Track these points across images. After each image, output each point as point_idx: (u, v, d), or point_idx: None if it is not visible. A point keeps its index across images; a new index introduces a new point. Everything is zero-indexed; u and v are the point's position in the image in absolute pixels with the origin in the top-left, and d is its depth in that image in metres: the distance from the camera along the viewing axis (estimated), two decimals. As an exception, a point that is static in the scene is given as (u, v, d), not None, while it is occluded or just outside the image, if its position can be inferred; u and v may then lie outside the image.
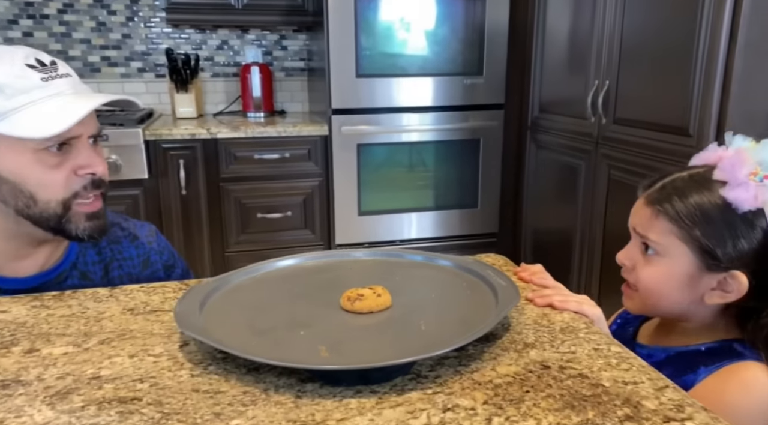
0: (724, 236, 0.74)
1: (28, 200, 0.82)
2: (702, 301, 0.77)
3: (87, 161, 0.84)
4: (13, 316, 0.73)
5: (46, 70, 0.82)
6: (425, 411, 0.53)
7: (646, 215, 0.79)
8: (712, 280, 0.76)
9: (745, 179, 0.73)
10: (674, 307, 0.80)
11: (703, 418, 0.52)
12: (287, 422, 0.52)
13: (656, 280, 0.79)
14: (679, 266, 0.77)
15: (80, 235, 0.86)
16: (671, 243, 0.77)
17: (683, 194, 0.76)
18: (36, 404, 0.54)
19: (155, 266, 1.02)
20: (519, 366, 0.61)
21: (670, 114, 1.83)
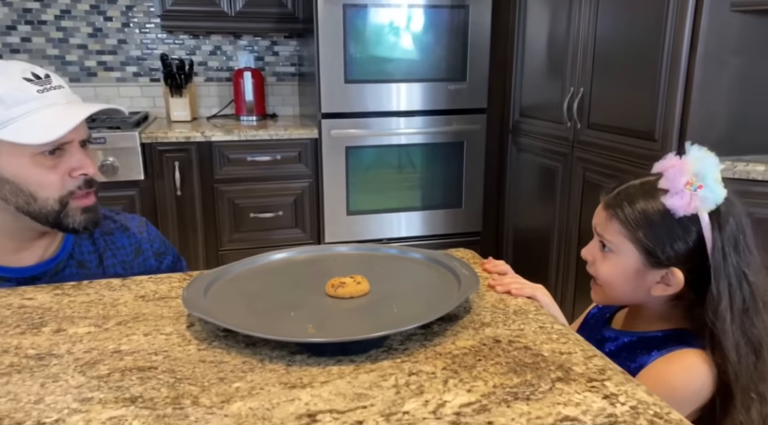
0: (663, 238, 0.85)
1: (28, 197, 0.92)
2: (649, 293, 0.88)
3: (79, 163, 0.94)
4: (39, 302, 0.83)
5: (41, 83, 0.91)
6: (394, 375, 0.64)
7: (603, 217, 0.91)
8: (656, 275, 0.87)
9: (682, 188, 0.83)
10: (627, 297, 0.92)
11: (620, 378, 0.63)
12: (280, 384, 0.63)
13: (610, 274, 0.90)
14: (628, 263, 0.88)
15: (76, 227, 0.96)
16: (621, 243, 0.88)
17: (632, 201, 0.87)
18: (69, 371, 0.65)
19: (146, 254, 1.12)
20: (475, 340, 0.72)
21: (638, 120, 1.95)
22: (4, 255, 0.96)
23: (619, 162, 2.04)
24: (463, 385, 0.62)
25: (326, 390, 0.61)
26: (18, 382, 0.63)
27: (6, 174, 0.90)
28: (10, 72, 0.90)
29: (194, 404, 0.59)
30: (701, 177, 0.83)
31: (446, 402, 0.59)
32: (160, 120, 2.91)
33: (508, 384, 0.62)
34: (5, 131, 0.87)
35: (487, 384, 0.62)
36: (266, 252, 0.93)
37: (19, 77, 0.90)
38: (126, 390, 0.61)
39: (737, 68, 1.78)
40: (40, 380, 0.63)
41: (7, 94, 0.88)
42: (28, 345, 0.71)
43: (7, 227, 0.95)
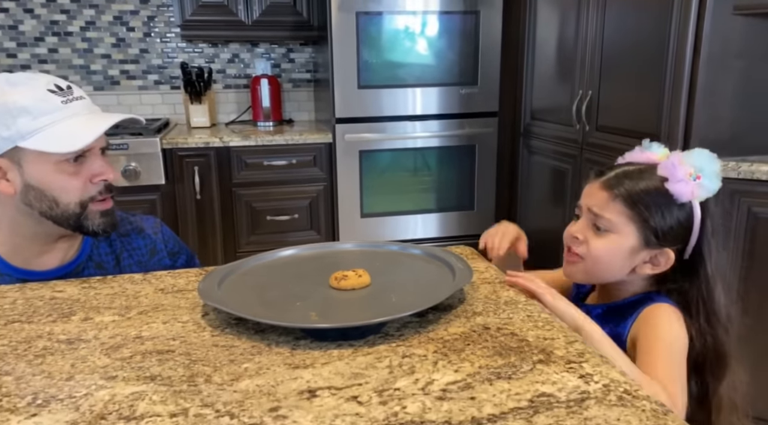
0: (664, 219, 0.91)
1: (51, 203, 0.97)
2: (634, 271, 0.95)
3: (100, 169, 1.00)
4: (69, 294, 0.91)
5: (64, 94, 0.97)
6: (388, 357, 0.70)
7: (603, 197, 0.94)
8: (647, 254, 0.93)
9: (684, 177, 0.90)
10: (613, 274, 0.97)
11: (597, 360, 0.69)
12: (285, 365, 0.69)
13: (605, 251, 0.94)
14: (625, 241, 0.93)
15: (95, 229, 1.02)
16: (622, 222, 0.93)
17: (635, 182, 0.93)
18: (96, 354, 0.72)
19: (161, 254, 1.18)
20: (466, 327, 0.78)
21: (644, 122, 1.99)
22: (29, 259, 1.03)
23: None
24: (451, 366, 0.68)
25: (326, 370, 0.68)
26: (51, 362, 0.70)
27: (31, 181, 0.96)
28: (35, 84, 0.96)
29: (207, 382, 0.66)
30: (700, 169, 0.90)
31: (434, 380, 0.65)
32: (180, 126, 3.00)
33: (492, 365, 0.68)
34: (32, 140, 0.93)
35: (474, 365, 0.68)
36: (275, 249, 1.00)
37: (44, 89, 0.95)
38: (146, 370, 0.68)
39: (740, 71, 1.81)
40: (71, 361, 0.70)
41: (33, 106, 0.93)
42: (60, 331, 0.78)
43: (30, 231, 1.01)
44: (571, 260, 0.99)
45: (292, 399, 0.62)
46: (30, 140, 0.93)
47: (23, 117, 0.93)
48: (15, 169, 0.96)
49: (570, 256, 0.99)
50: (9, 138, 0.93)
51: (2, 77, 0.96)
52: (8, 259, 1.01)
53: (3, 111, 0.93)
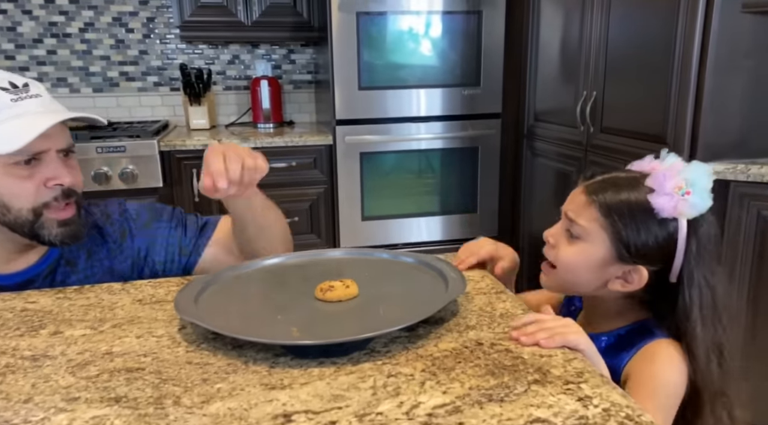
0: (639, 234, 0.84)
1: (2, 208, 0.91)
2: (605, 286, 0.88)
3: (54, 173, 0.93)
4: (41, 306, 0.87)
5: (17, 92, 0.91)
6: (372, 377, 0.65)
7: (580, 202, 0.89)
8: (619, 269, 0.86)
9: (671, 191, 0.82)
10: (582, 287, 0.91)
11: (597, 381, 0.64)
12: (261, 385, 0.64)
13: (574, 260, 0.88)
14: (595, 252, 0.86)
15: (53, 240, 0.94)
16: (594, 230, 0.86)
17: (617, 191, 0.86)
18: (60, 372, 0.68)
19: (134, 232, 1.09)
20: (458, 343, 0.73)
21: (650, 124, 1.93)
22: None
23: (632, 166, 2.02)
24: (439, 387, 0.63)
25: (304, 392, 0.63)
26: (11, 382, 0.66)
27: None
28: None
29: (175, 404, 0.61)
30: (691, 183, 0.83)
31: (420, 403, 0.60)
32: (180, 128, 2.97)
33: (484, 386, 0.63)
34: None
35: (464, 386, 0.63)
36: (261, 257, 0.95)
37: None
38: (112, 391, 0.64)
39: (750, 71, 1.75)
40: (32, 380, 0.66)
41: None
42: (25, 346, 0.74)
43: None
44: (544, 268, 0.94)
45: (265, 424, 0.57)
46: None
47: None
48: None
49: (544, 264, 0.94)
50: None
51: None
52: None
53: None
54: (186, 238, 1.12)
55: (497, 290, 0.90)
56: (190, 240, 1.12)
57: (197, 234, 1.13)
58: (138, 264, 1.10)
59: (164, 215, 1.14)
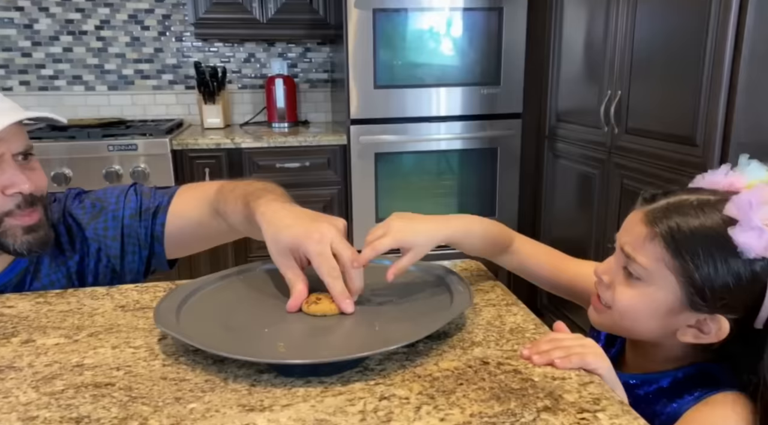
0: (719, 278, 0.67)
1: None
2: (673, 335, 0.72)
3: (11, 180, 0.84)
4: (18, 311, 0.81)
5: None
6: (363, 400, 0.59)
7: (640, 234, 0.72)
8: (691, 318, 0.70)
9: (759, 224, 0.65)
10: (645, 334, 0.75)
11: (615, 409, 0.56)
12: (238, 406, 0.58)
13: (632, 306, 0.73)
14: (661, 298, 0.70)
15: (18, 249, 0.86)
16: (659, 271, 0.70)
17: (687, 223, 0.68)
18: (23, 387, 0.62)
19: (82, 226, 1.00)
20: (461, 361, 0.66)
21: (678, 124, 1.83)
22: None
23: (659, 169, 1.93)
24: (437, 413, 0.56)
25: (285, 415, 0.56)
26: (-31, 396, 0.60)
27: None
28: None
29: (141, 426, 0.55)
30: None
31: (414, 432, 0.53)
32: (194, 127, 2.93)
33: (487, 413, 0.56)
34: None
35: (464, 413, 0.56)
36: (253, 263, 0.89)
37: None
38: (75, 409, 0.58)
39: (787, 67, 1.64)
40: (-8, 394, 0.60)
41: None
42: (-7, 355, 0.69)
43: None
44: (596, 305, 0.78)
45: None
46: None
47: None
48: None
49: (595, 300, 0.78)
50: None
51: None
52: None
53: None
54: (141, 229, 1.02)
55: (508, 302, 0.82)
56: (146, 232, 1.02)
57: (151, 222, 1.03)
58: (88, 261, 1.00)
59: (108, 203, 1.02)
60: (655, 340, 0.75)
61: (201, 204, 1.01)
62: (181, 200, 1.04)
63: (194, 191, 1.05)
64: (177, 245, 1.05)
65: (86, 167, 2.39)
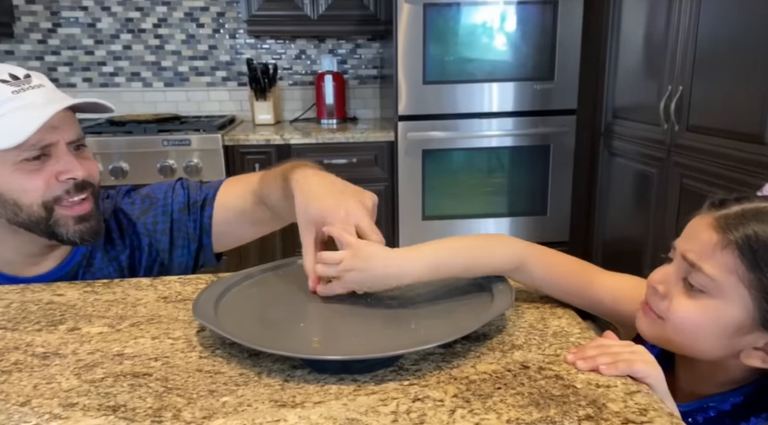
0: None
1: (14, 207, 0.86)
2: (736, 356, 0.66)
3: (65, 166, 0.87)
4: (67, 299, 0.84)
5: (18, 84, 0.85)
6: (396, 400, 0.57)
7: (709, 241, 0.64)
8: (760, 339, 0.64)
9: None
10: (702, 353, 0.68)
11: (664, 422, 0.52)
12: (270, 402, 0.57)
13: (694, 321, 0.65)
14: (730, 313, 0.64)
15: (71, 238, 0.89)
16: (729, 284, 0.63)
17: (765, 230, 0.62)
18: (66, 374, 0.63)
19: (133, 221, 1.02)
20: (500, 365, 0.63)
21: (744, 121, 1.74)
22: (19, 268, 0.93)
23: (722, 168, 1.83)
24: (471, 417, 0.54)
25: (316, 413, 0.55)
26: (15, 381, 0.62)
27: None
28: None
29: (174, 418, 0.55)
30: None
31: (447, 437, 0.51)
32: (246, 123, 2.98)
33: (524, 420, 0.53)
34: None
35: (500, 418, 0.54)
36: (292, 257, 0.89)
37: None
38: (113, 398, 0.58)
39: None
40: (36, 380, 0.62)
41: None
42: (40, 342, 0.71)
43: (10, 243, 0.91)
44: (647, 313, 0.70)
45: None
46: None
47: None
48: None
49: (645, 307, 0.71)
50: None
51: None
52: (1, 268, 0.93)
53: None
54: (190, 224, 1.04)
55: (552, 305, 0.79)
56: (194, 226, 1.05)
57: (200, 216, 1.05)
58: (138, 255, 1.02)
59: (157, 200, 1.05)
60: (712, 360, 0.68)
61: (245, 193, 1.03)
62: (226, 191, 1.06)
63: (238, 182, 1.08)
64: (224, 237, 1.07)
65: (142, 161, 2.46)
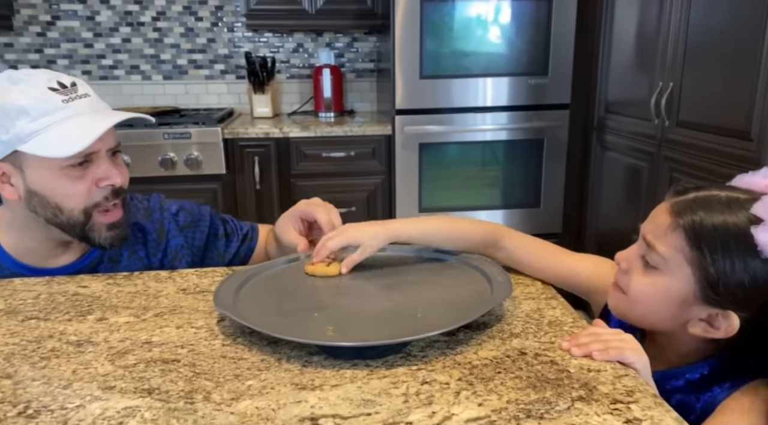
0: (734, 274, 0.68)
1: (55, 209, 0.91)
2: (684, 326, 0.74)
3: (106, 173, 0.92)
4: (92, 291, 0.89)
5: (66, 92, 0.89)
6: (406, 383, 0.63)
7: (663, 224, 0.73)
8: (703, 312, 0.71)
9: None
10: (657, 324, 0.77)
11: (648, 402, 0.58)
12: (291, 385, 0.63)
13: (646, 294, 0.74)
14: (675, 288, 0.72)
15: (102, 243, 0.95)
16: (676, 262, 0.71)
17: (711, 217, 0.69)
18: (100, 359, 0.69)
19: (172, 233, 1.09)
20: (499, 351, 0.69)
21: (733, 118, 1.80)
22: (40, 260, 0.99)
23: (711, 163, 1.89)
24: (475, 398, 0.60)
25: (334, 394, 0.61)
26: (54, 366, 0.67)
27: (34, 187, 0.90)
28: (35, 82, 0.89)
29: (205, 399, 0.60)
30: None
31: (453, 415, 0.57)
32: (244, 116, 3.02)
33: (523, 401, 0.59)
34: (30, 144, 0.87)
35: (501, 399, 0.60)
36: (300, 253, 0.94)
37: (44, 87, 0.88)
38: (146, 381, 0.64)
39: None
40: (74, 366, 0.67)
41: (31, 106, 0.86)
42: (72, 331, 0.76)
43: (40, 236, 0.96)
44: (614, 291, 0.79)
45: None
46: (29, 143, 0.87)
47: (22, 119, 0.86)
48: (18, 174, 0.90)
49: (614, 286, 0.79)
50: (8, 142, 0.87)
51: (5, 75, 0.90)
52: (21, 259, 0.98)
53: (1, 113, 0.87)
54: (228, 247, 1.14)
55: (547, 296, 0.85)
56: (234, 250, 1.14)
57: (240, 244, 1.16)
58: (169, 264, 1.09)
59: (203, 219, 1.13)
60: (665, 330, 0.77)
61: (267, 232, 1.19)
62: None
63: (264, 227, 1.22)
64: None
65: (143, 154, 2.50)
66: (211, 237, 1.13)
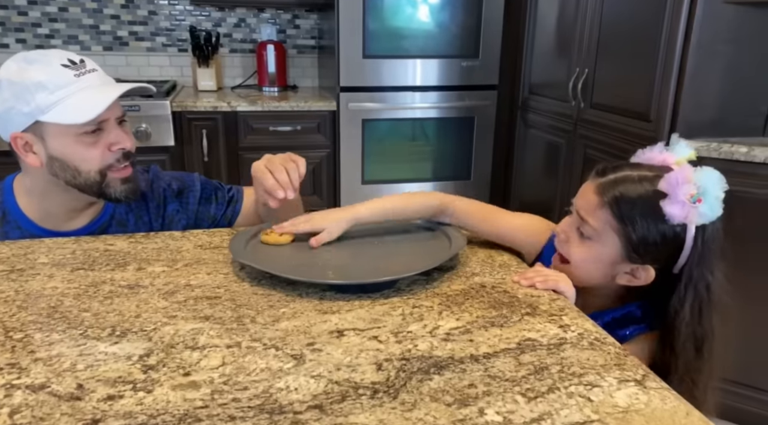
0: (650, 238, 0.86)
1: (74, 172, 1.05)
2: (613, 279, 0.92)
3: (117, 138, 1.08)
4: (119, 248, 1.04)
5: (77, 68, 1.03)
6: (401, 307, 0.84)
7: (592, 202, 0.90)
8: (627, 267, 0.90)
9: (683, 198, 0.84)
10: (592, 281, 0.95)
11: (574, 315, 0.83)
12: (315, 311, 0.83)
13: (585, 259, 0.92)
14: (606, 252, 0.90)
15: (118, 196, 1.10)
16: (605, 232, 0.89)
17: (629, 195, 0.87)
18: (155, 298, 0.85)
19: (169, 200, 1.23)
20: (465, 285, 0.92)
21: (635, 101, 2.11)
22: (58, 223, 1.13)
23: (617, 140, 2.21)
24: (453, 315, 0.82)
25: (350, 316, 0.81)
26: (119, 303, 0.83)
27: (54, 153, 1.04)
28: (49, 60, 1.02)
29: (252, 322, 0.79)
30: (703, 191, 0.84)
31: (440, 326, 0.79)
32: (187, 89, 3.09)
33: (487, 316, 0.82)
34: (51, 114, 1.00)
35: (472, 315, 0.82)
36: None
37: (58, 64, 1.02)
38: (200, 312, 0.82)
39: (727, 56, 1.92)
40: (135, 303, 0.84)
41: (48, 81, 1.00)
42: (119, 278, 0.92)
43: (59, 198, 1.10)
44: (557, 264, 0.97)
45: (324, 337, 0.75)
46: (49, 113, 1.00)
47: (40, 92, 0.99)
48: (39, 142, 1.04)
49: (556, 259, 0.98)
50: (30, 113, 1.01)
51: (20, 56, 1.03)
52: (40, 223, 1.12)
53: (22, 88, 1.00)
54: (217, 210, 1.27)
55: (496, 246, 1.08)
56: (221, 212, 1.28)
57: (226, 206, 1.29)
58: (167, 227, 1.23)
59: (194, 186, 1.27)
60: (598, 285, 0.96)
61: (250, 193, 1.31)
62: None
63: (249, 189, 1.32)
64: None
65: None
66: (202, 201, 1.27)
